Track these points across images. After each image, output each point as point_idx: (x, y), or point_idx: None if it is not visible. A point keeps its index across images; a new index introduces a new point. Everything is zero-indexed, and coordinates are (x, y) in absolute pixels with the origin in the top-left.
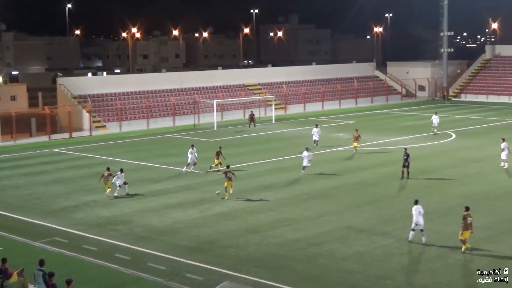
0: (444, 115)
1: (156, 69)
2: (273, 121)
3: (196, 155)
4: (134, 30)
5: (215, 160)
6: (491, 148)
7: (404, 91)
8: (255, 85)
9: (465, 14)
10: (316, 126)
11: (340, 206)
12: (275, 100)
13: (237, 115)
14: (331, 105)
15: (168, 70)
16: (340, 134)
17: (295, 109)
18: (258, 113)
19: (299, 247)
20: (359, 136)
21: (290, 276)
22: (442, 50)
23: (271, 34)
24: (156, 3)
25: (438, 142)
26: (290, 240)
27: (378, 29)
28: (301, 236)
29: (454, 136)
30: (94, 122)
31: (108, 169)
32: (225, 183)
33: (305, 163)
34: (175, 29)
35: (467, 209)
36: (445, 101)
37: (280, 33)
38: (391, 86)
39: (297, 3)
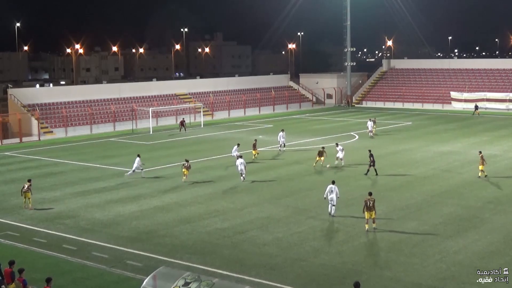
0: (348, 119)
1: (97, 80)
2: (202, 126)
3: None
4: (77, 46)
5: (253, 151)
6: (388, 147)
7: (314, 99)
8: (186, 94)
9: (365, 33)
10: (282, 130)
11: (261, 198)
12: (203, 108)
13: (170, 121)
14: (252, 112)
15: (108, 82)
16: (260, 136)
17: (220, 115)
18: (189, 119)
19: (226, 235)
20: (324, 151)
21: (218, 260)
22: (346, 63)
23: (199, 50)
24: (97, 22)
25: (344, 142)
26: (218, 229)
27: (291, 46)
28: (227, 225)
29: (357, 137)
30: (42, 128)
31: (29, 181)
32: (184, 171)
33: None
34: (114, 46)
35: (370, 194)
36: (349, 107)
37: (207, 49)
38: (303, 95)
39: (221, 23)
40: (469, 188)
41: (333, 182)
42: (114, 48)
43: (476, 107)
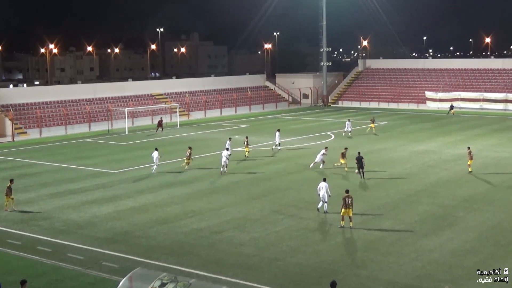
0: (324, 119)
1: (72, 81)
2: (178, 126)
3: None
4: (51, 46)
5: (246, 149)
6: (364, 146)
7: (290, 99)
8: (162, 94)
9: (341, 33)
10: (278, 130)
11: (238, 198)
12: (179, 108)
13: (146, 121)
14: (228, 112)
15: (83, 82)
16: (237, 136)
17: (197, 115)
18: (165, 119)
19: (203, 235)
20: (343, 153)
21: (195, 261)
22: (322, 63)
23: (175, 49)
24: (71, 22)
25: (320, 142)
26: (194, 229)
27: (267, 46)
28: (204, 226)
29: (333, 136)
30: (16, 129)
31: (11, 181)
32: (186, 160)
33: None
34: (89, 45)
35: (347, 191)
36: (325, 107)
37: (183, 49)
38: (280, 95)
39: (197, 22)
40: (444, 187)
41: (324, 180)
42: (89, 48)
43: (452, 107)
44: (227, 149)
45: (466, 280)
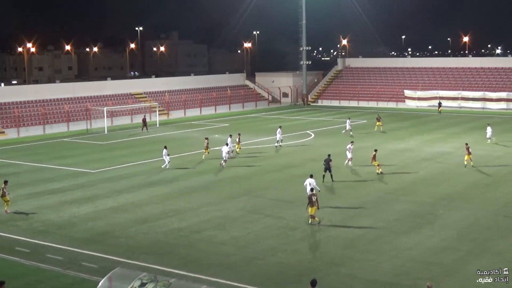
0: (304, 118)
1: (50, 80)
2: (158, 125)
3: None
4: (29, 45)
5: (237, 146)
6: (343, 145)
7: (270, 98)
8: (141, 93)
9: (320, 32)
10: (280, 127)
11: (218, 197)
12: (158, 107)
13: (126, 121)
14: (208, 111)
15: (62, 81)
16: (216, 135)
17: (176, 114)
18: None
19: (183, 234)
20: (374, 155)
21: (175, 260)
22: (301, 62)
23: (154, 48)
24: (50, 20)
25: (300, 140)
26: (174, 229)
27: (247, 45)
28: (184, 225)
29: (313, 135)
30: None
31: (5, 182)
32: (205, 151)
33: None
34: (67, 44)
35: (312, 190)
36: (305, 106)
37: (162, 48)
38: (259, 94)
39: (177, 21)
40: (423, 185)
41: (311, 176)
42: (68, 47)
43: (440, 104)
44: (227, 144)
45: (444, 277)
